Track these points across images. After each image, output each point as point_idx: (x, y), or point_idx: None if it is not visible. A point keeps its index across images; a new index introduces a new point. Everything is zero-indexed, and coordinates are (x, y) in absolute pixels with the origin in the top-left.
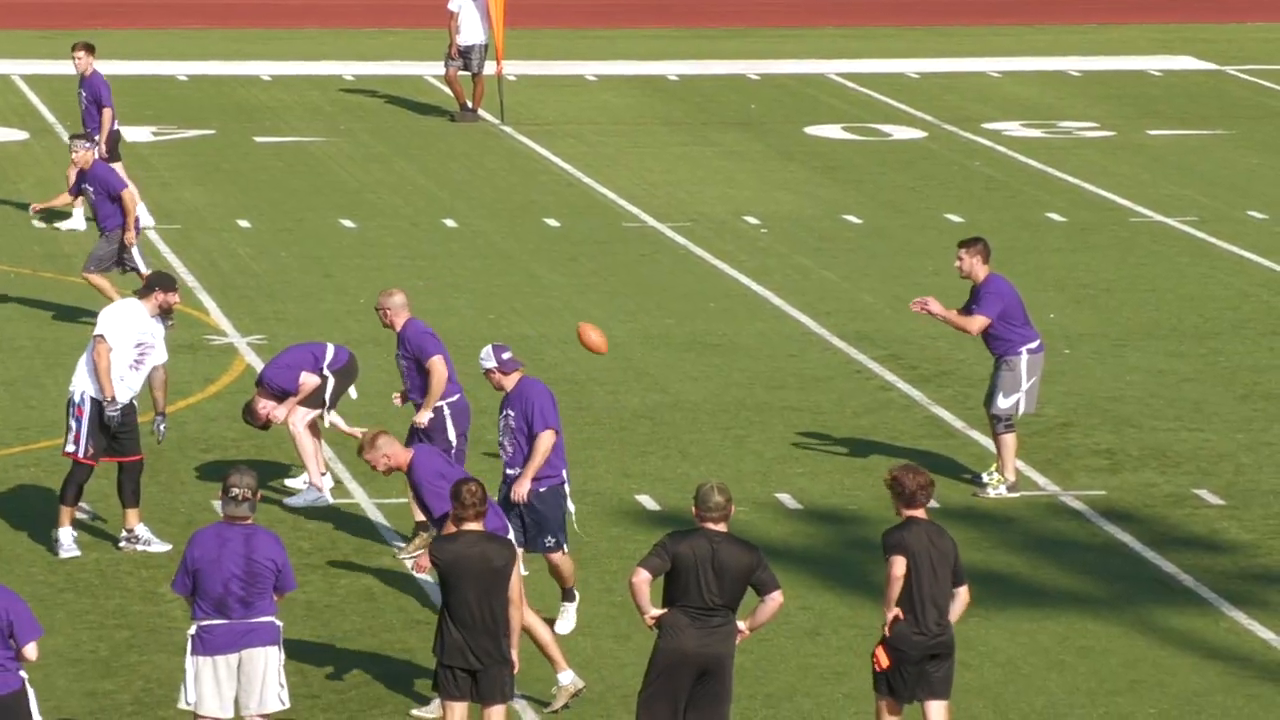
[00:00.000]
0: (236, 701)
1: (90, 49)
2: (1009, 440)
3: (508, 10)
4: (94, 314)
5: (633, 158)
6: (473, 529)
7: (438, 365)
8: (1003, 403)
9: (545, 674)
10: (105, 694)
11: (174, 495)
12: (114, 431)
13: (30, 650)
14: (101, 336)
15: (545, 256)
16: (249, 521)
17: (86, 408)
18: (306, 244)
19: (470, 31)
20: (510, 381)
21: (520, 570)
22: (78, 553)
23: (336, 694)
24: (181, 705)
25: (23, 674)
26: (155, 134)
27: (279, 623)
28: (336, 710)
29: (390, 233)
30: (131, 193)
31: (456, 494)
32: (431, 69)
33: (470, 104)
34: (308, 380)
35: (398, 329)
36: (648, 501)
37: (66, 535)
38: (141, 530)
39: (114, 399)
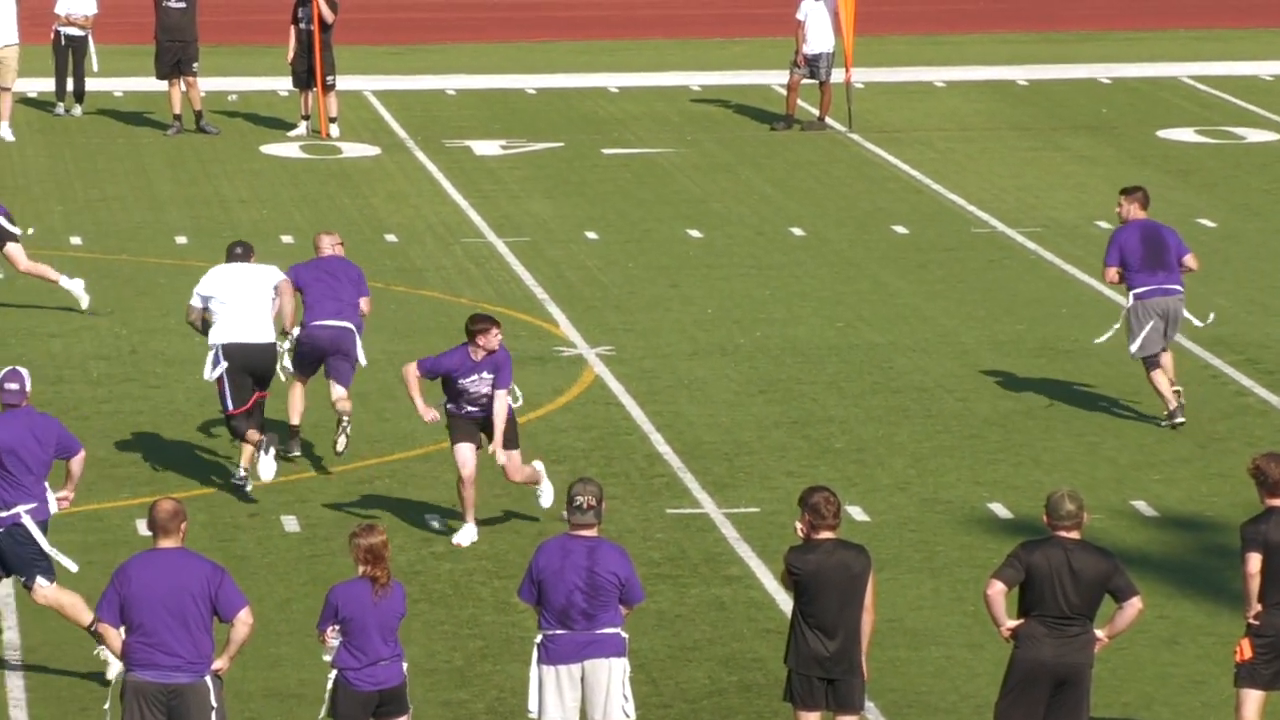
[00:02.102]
0: (582, 711)
1: None
2: (1154, 376)
3: (857, 17)
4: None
5: (982, 163)
6: (827, 537)
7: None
8: (1131, 346)
9: (897, 684)
10: (460, 703)
11: (525, 506)
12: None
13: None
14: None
15: (893, 264)
16: (593, 531)
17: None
18: (653, 254)
19: (818, 39)
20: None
21: (874, 577)
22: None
23: (688, 704)
24: (530, 715)
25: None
26: (504, 147)
27: (624, 634)
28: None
29: (736, 242)
30: None
31: (811, 503)
32: (778, 78)
33: (793, 115)
34: None
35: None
36: (999, 509)
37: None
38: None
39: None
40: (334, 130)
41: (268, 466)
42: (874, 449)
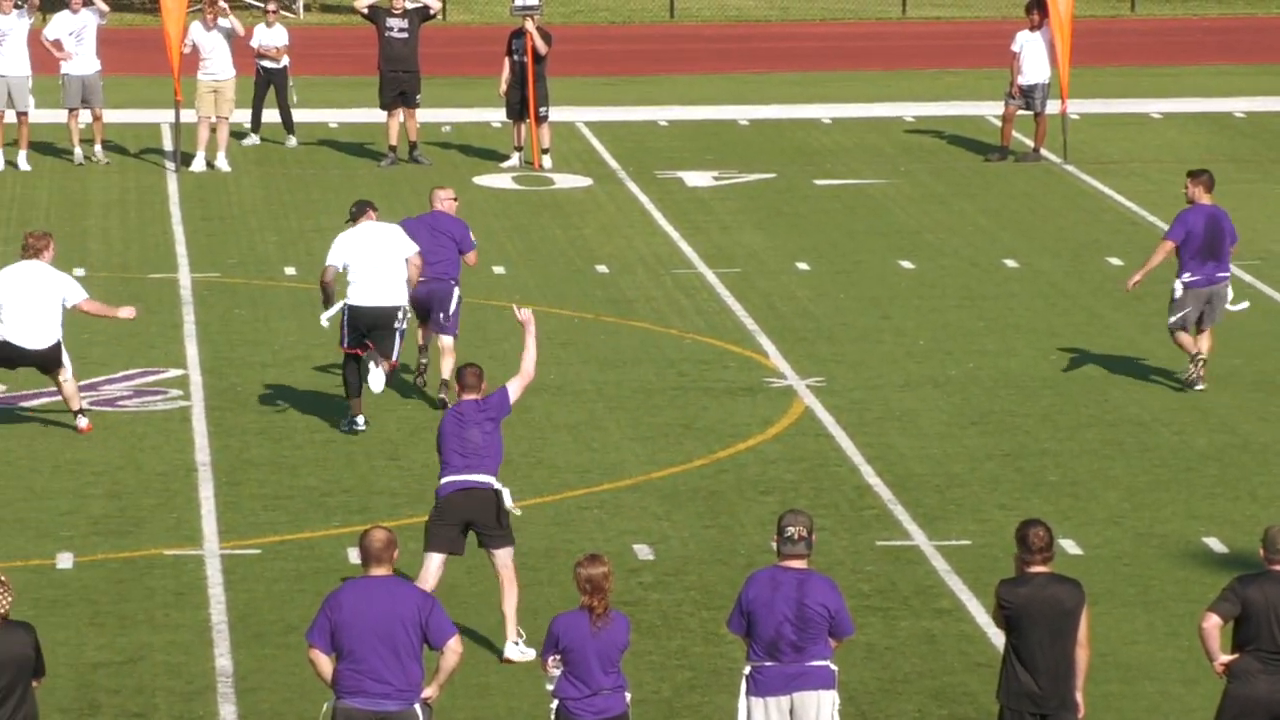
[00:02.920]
0: None
1: None
2: (1179, 337)
3: (1073, 49)
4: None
5: None
6: (1040, 571)
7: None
8: (1169, 317)
9: (1106, 718)
10: None
11: (734, 537)
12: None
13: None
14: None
15: (1108, 296)
16: (804, 563)
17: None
18: (865, 285)
19: (1033, 70)
20: None
21: (1088, 612)
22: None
23: None
24: None
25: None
26: (716, 178)
27: (834, 667)
28: None
29: (949, 273)
30: None
31: (1024, 537)
32: (993, 109)
33: (1007, 146)
34: None
35: None
36: (1215, 544)
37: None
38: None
39: None
40: (546, 161)
41: (377, 378)
42: (1088, 483)
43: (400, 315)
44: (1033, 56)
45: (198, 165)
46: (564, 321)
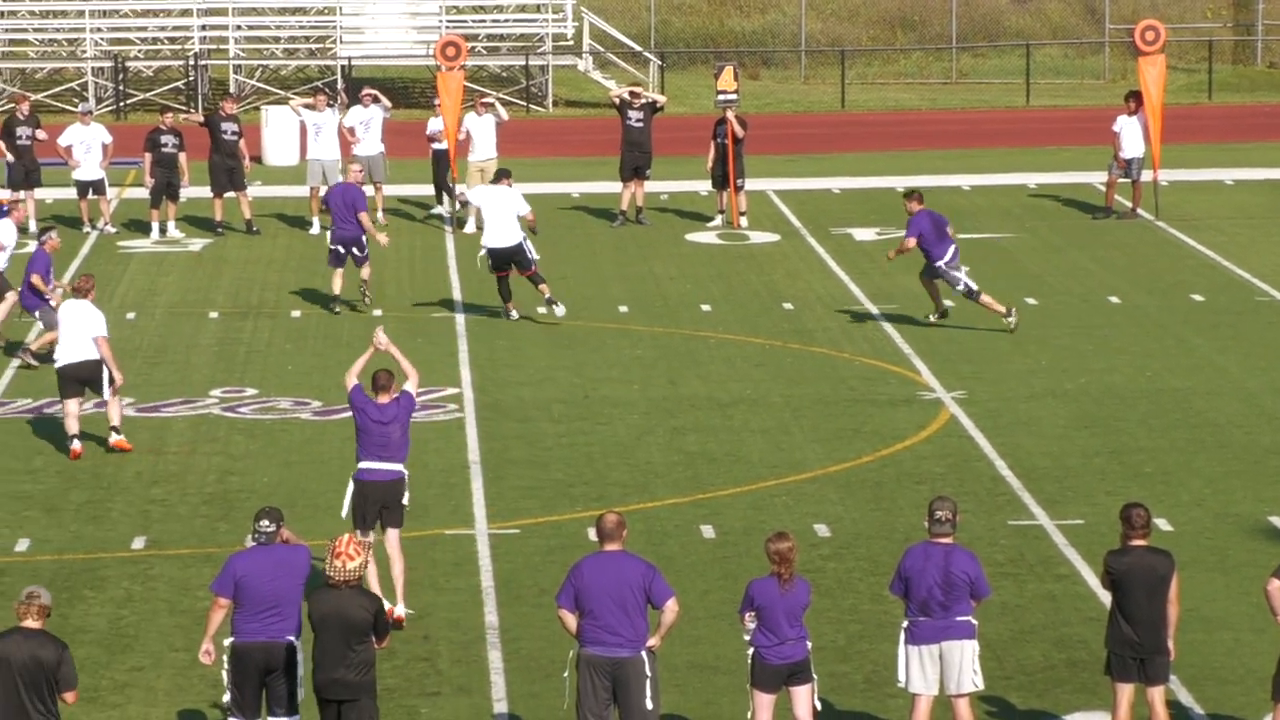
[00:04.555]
0: (941, 682)
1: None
2: (982, 299)
3: (1163, 130)
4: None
5: (1264, 245)
6: (1139, 544)
7: None
8: (958, 288)
9: (1195, 660)
10: (842, 675)
11: (893, 518)
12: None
13: None
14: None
15: (1192, 324)
16: (950, 539)
17: None
18: (997, 318)
19: (1131, 146)
20: None
21: (1178, 576)
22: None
23: (1025, 675)
24: (899, 685)
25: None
26: (878, 233)
27: (974, 621)
28: (1026, 689)
29: (1065, 308)
30: None
31: (1126, 517)
32: (1099, 177)
33: (1111, 207)
34: None
35: None
36: (1277, 521)
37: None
38: None
39: None
40: (744, 222)
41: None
42: (1176, 473)
43: (525, 247)
44: (1131, 135)
45: (469, 229)
46: (757, 348)
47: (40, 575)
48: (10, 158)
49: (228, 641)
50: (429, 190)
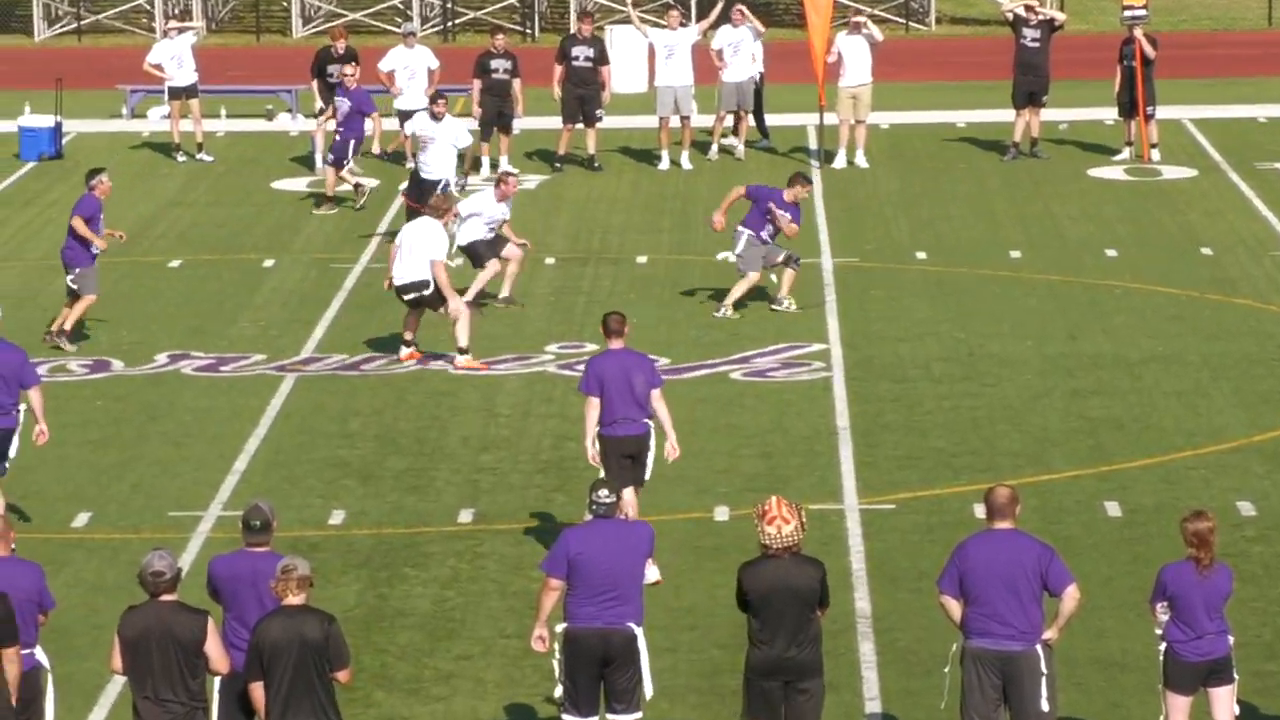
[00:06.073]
0: None
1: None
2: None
3: None
4: None
5: None
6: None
7: None
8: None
9: None
10: (1269, 674)
11: None
12: None
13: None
14: None
15: None
16: None
17: None
18: None
19: None
20: None
21: None
22: None
23: None
24: None
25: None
26: None
27: None
28: None
29: None
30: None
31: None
32: None
33: None
34: None
35: None
36: None
37: None
38: None
39: None
40: (1155, 155)
41: None
42: None
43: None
44: None
45: (839, 163)
46: (1171, 299)
47: (357, 551)
48: (319, 101)
49: (560, 627)
50: (798, 120)
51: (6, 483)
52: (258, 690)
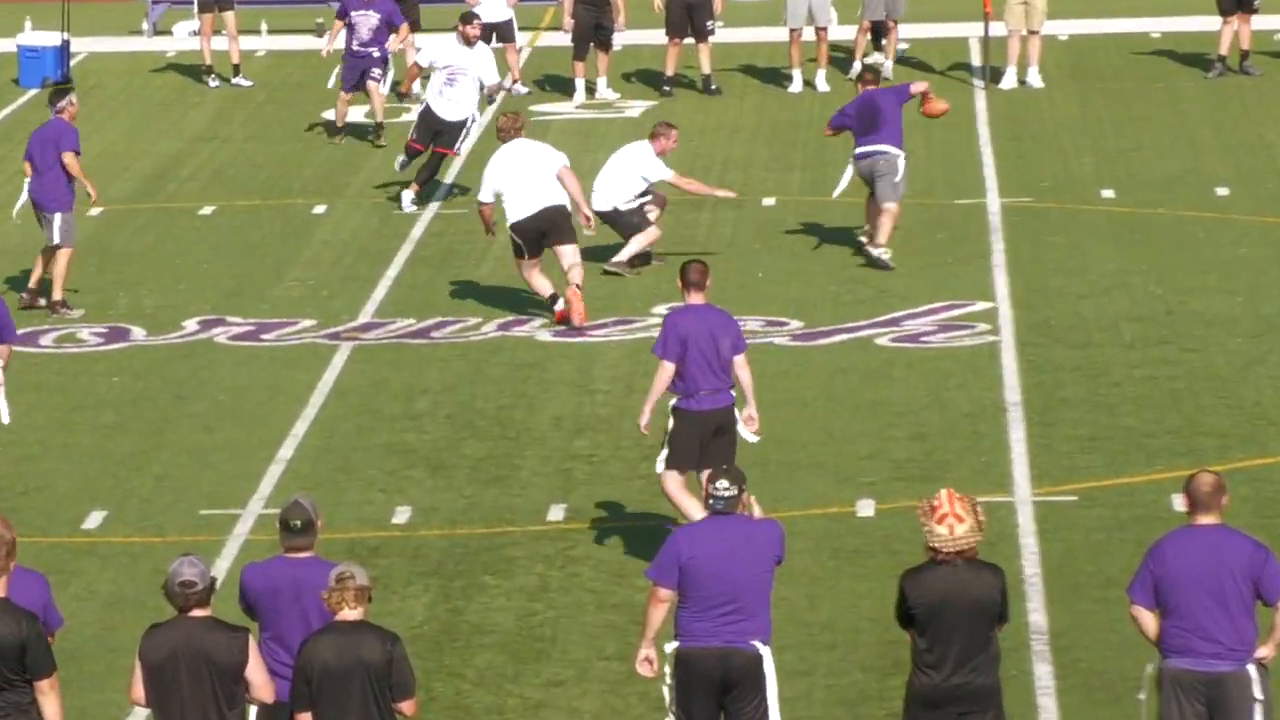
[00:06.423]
0: None
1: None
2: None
3: None
4: None
5: None
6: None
7: None
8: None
9: None
10: None
11: None
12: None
13: None
14: None
15: None
16: None
17: None
18: None
19: None
20: None
21: None
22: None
23: None
24: None
25: None
26: None
27: None
28: None
29: None
30: None
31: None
32: None
33: None
34: None
35: None
36: None
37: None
38: None
39: None
40: None
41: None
42: None
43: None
44: None
45: (1008, 82)
46: None
47: (425, 556)
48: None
49: (670, 647)
50: (958, 30)
51: (3, 478)
52: None
